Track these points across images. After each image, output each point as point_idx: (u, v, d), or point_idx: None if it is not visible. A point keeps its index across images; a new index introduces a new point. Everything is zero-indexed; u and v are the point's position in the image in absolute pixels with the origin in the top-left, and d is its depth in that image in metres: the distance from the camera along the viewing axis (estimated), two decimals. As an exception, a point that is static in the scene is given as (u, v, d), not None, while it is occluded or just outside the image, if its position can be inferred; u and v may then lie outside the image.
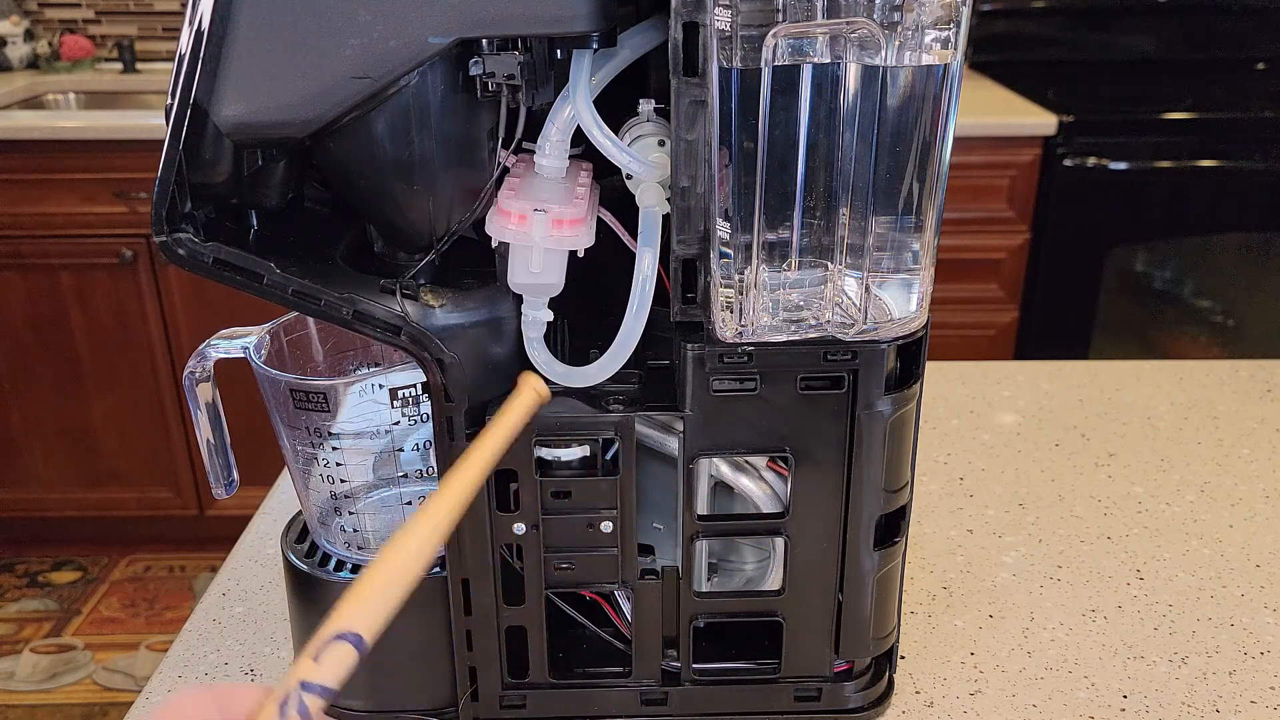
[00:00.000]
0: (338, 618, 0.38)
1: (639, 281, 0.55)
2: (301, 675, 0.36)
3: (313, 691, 0.35)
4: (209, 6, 0.50)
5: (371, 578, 0.40)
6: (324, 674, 0.36)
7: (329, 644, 0.37)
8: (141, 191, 2.08)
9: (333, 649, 0.37)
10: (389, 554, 0.41)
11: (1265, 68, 2.49)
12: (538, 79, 0.53)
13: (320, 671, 0.36)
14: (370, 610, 0.39)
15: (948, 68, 0.51)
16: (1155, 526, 0.88)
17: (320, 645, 0.37)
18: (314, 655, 0.37)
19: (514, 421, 0.52)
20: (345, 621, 0.38)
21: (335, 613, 0.38)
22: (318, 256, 0.58)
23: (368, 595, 0.39)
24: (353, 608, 0.39)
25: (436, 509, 0.45)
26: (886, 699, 0.68)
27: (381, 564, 0.41)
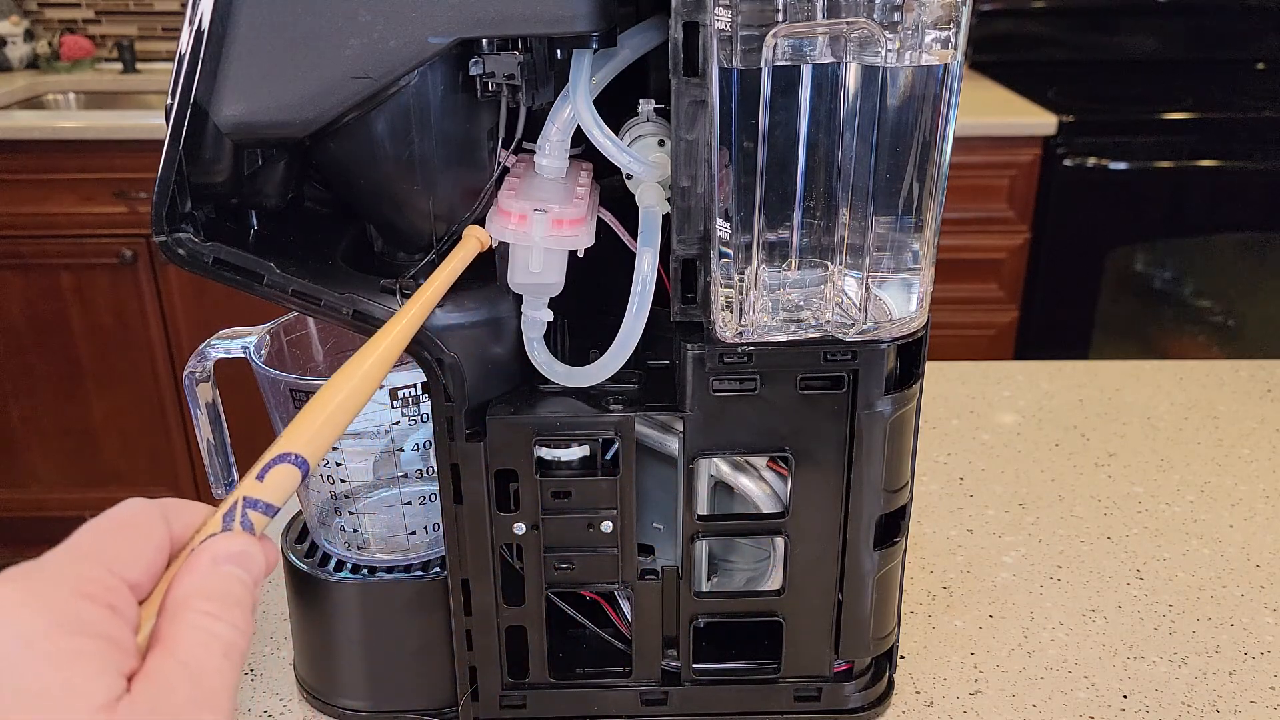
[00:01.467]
0: (282, 441, 0.39)
1: (639, 281, 0.55)
2: (246, 491, 0.37)
3: (257, 508, 0.36)
4: (209, 6, 0.50)
5: (316, 406, 0.41)
6: (268, 491, 0.37)
7: (273, 464, 0.38)
8: (141, 191, 2.08)
9: (277, 470, 0.38)
10: (333, 385, 0.43)
11: (1265, 68, 2.49)
12: (538, 79, 0.53)
13: (264, 489, 0.37)
14: (314, 436, 0.40)
15: (948, 68, 0.51)
16: (1155, 526, 0.88)
17: (264, 465, 0.38)
18: (258, 474, 0.38)
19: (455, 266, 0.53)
20: (289, 444, 0.39)
21: (280, 438, 0.40)
22: (318, 256, 0.58)
23: (312, 422, 0.41)
24: (297, 433, 0.40)
25: (378, 346, 0.46)
26: (886, 699, 0.68)
27: (326, 394, 0.42)
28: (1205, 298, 2.25)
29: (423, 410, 0.61)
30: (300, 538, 0.68)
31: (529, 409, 0.59)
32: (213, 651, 0.32)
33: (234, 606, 0.33)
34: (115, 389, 2.22)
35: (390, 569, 0.64)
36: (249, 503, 0.36)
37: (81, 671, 0.29)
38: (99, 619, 0.31)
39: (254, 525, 0.36)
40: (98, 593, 0.31)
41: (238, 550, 0.34)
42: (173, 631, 0.32)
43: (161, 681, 0.31)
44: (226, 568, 0.34)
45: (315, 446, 0.40)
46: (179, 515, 0.35)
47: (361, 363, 0.45)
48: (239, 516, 0.36)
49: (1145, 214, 2.14)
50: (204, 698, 0.31)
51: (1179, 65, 2.50)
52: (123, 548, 0.33)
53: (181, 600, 0.33)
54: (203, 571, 0.33)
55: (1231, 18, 2.48)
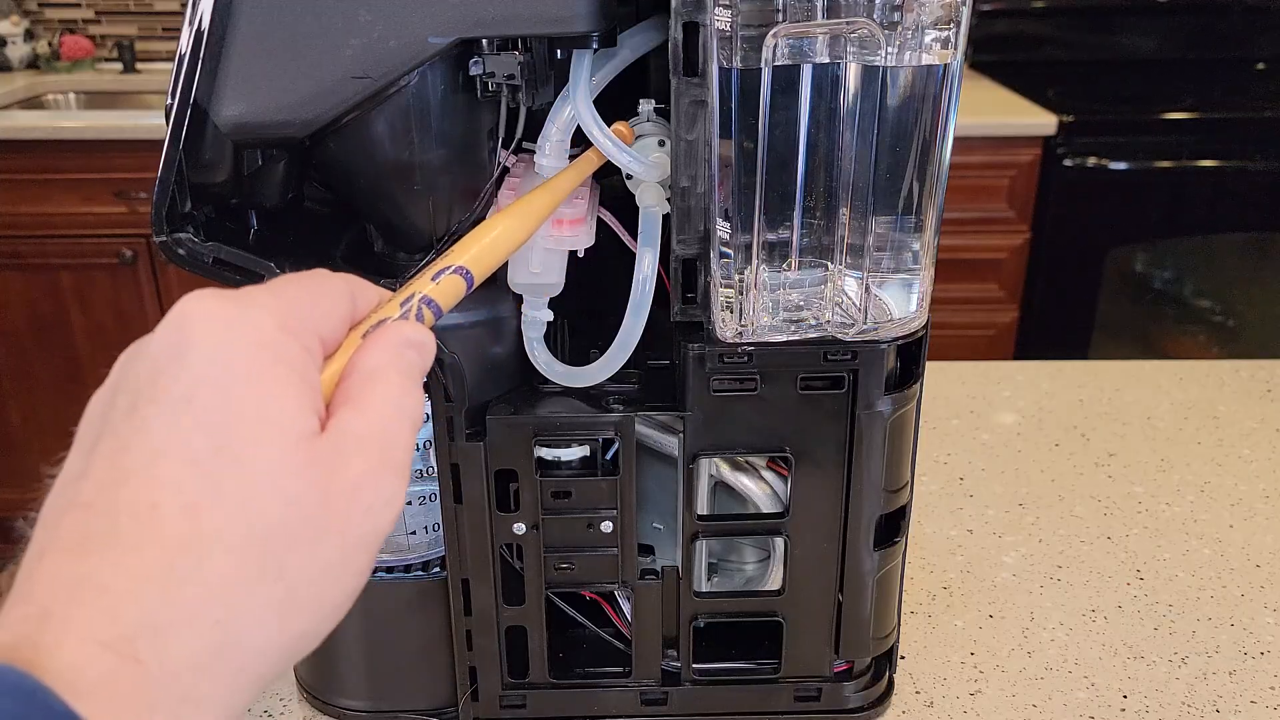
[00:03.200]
0: (453, 254, 0.41)
1: (639, 281, 0.55)
2: (422, 289, 0.38)
3: (430, 306, 0.38)
4: (209, 6, 0.50)
5: (487, 230, 0.43)
6: (439, 294, 0.39)
7: (446, 272, 0.40)
8: (141, 191, 2.08)
9: (449, 277, 0.40)
10: (504, 215, 0.45)
11: (1265, 68, 2.49)
12: (538, 79, 0.53)
13: (437, 291, 0.39)
14: (483, 255, 0.42)
15: (948, 68, 0.51)
16: (1155, 526, 0.88)
17: (439, 270, 0.40)
18: (433, 276, 0.39)
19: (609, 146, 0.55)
20: (460, 258, 0.41)
21: (452, 251, 0.41)
22: (318, 256, 0.58)
23: (482, 242, 0.43)
24: (468, 249, 0.42)
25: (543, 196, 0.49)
26: (886, 699, 0.68)
27: (497, 220, 0.45)
28: (1205, 298, 2.25)
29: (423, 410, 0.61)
30: (300, 538, 0.68)
31: (529, 409, 0.59)
32: (403, 423, 0.33)
33: (416, 386, 0.34)
34: (115, 389, 2.22)
35: (390, 569, 0.64)
36: (423, 299, 0.38)
37: (283, 398, 0.30)
38: (298, 355, 0.31)
39: (425, 319, 0.37)
40: (299, 332, 0.32)
41: (420, 339, 0.35)
42: (366, 395, 0.32)
43: (356, 435, 0.31)
44: (408, 350, 0.35)
45: (482, 264, 0.42)
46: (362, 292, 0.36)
47: (529, 200, 0.47)
48: (415, 309, 0.37)
49: (1145, 214, 2.14)
50: (391, 461, 0.32)
51: (1179, 65, 2.50)
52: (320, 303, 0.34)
53: (376, 369, 0.33)
54: (394, 348, 0.34)
55: (1231, 18, 2.48)
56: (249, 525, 0.28)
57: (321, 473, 0.30)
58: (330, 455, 0.30)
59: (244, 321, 0.30)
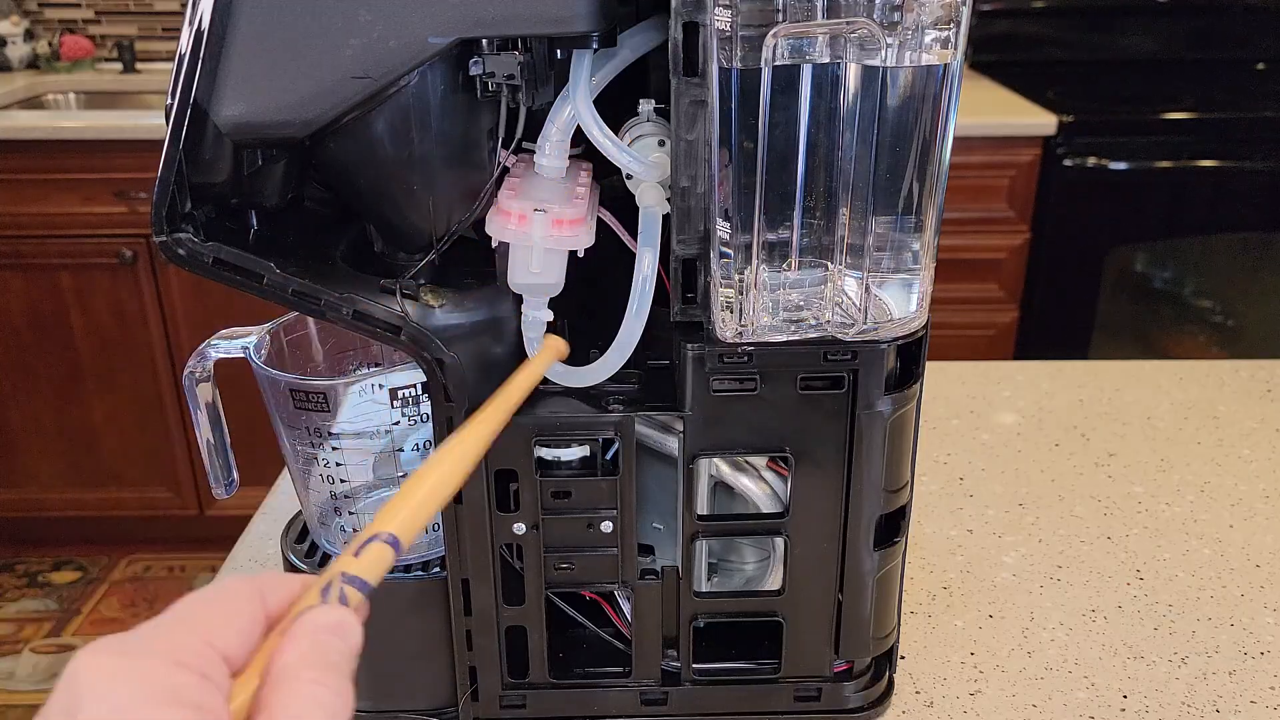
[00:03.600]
0: (378, 522, 0.40)
1: (639, 281, 0.55)
2: (343, 568, 0.37)
3: (353, 584, 0.37)
4: (209, 6, 0.50)
5: (410, 491, 0.42)
6: (363, 568, 0.38)
7: (369, 542, 0.39)
8: (141, 191, 2.08)
9: (372, 547, 0.39)
10: (425, 471, 0.44)
11: (1265, 68, 2.49)
12: (538, 79, 0.53)
13: (359, 565, 0.38)
14: (408, 519, 0.41)
15: (948, 68, 0.51)
16: (1155, 526, 0.88)
17: (361, 543, 0.39)
18: (354, 551, 0.38)
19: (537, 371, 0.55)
20: (384, 525, 0.40)
21: (375, 518, 0.41)
22: (318, 256, 0.58)
23: (406, 505, 0.42)
24: (392, 515, 0.41)
25: (467, 438, 0.47)
26: (886, 699, 0.68)
27: (418, 480, 0.43)
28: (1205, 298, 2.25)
29: (423, 410, 0.61)
30: (300, 538, 0.68)
31: (529, 409, 0.59)
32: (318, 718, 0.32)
33: (335, 673, 0.33)
34: (115, 389, 2.22)
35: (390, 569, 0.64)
36: (345, 578, 0.37)
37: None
38: (191, 686, 0.31)
39: (349, 600, 0.37)
40: (191, 661, 0.31)
41: (335, 621, 0.35)
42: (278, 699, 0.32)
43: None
44: (326, 637, 0.34)
45: (408, 527, 0.41)
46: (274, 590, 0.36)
47: (453, 448, 0.46)
48: (336, 592, 0.36)
49: (1145, 214, 2.14)
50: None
51: (1179, 65, 2.50)
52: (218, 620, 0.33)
53: (287, 669, 0.33)
54: (305, 641, 0.34)
55: (1231, 18, 2.48)
56: None
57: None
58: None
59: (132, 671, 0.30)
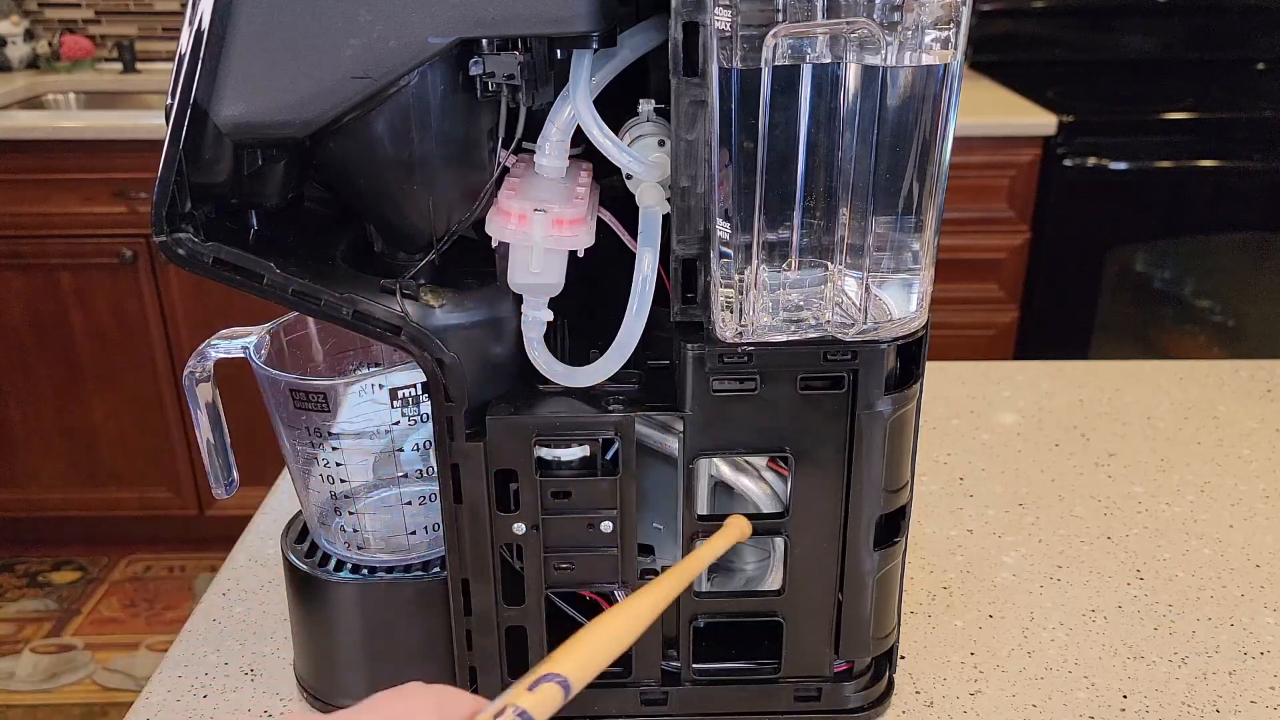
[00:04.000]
0: (554, 660, 0.42)
1: (639, 281, 0.55)
2: (516, 700, 0.39)
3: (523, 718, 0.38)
4: (209, 6, 0.50)
5: (590, 636, 0.44)
6: (534, 704, 0.39)
7: (544, 680, 0.40)
8: (141, 191, 2.08)
9: (546, 686, 0.40)
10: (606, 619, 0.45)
11: (1265, 68, 2.49)
12: (538, 79, 0.53)
13: (531, 701, 0.39)
14: (582, 663, 0.42)
15: (948, 68, 0.51)
16: (1155, 526, 0.88)
17: (537, 678, 0.40)
18: (530, 685, 0.40)
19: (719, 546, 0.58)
20: (560, 666, 0.41)
21: (552, 657, 0.42)
22: (318, 256, 0.58)
23: (583, 650, 0.43)
24: (568, 656, 0.42)
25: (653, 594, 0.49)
26: (886, 699, 0.68)
27: (600, 626, 0.45)
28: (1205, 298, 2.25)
29: (423, 410, 0.61)
30: (300, 538, 0.68)
31: (529, 409, 0.59)
32: None
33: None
34: (115, 389, 2.22)
35: (390, 569, 0.64)
36: (517, 711, 0.38)
37: None
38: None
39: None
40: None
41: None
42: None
43: None
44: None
45: (582, 673, 0.42)
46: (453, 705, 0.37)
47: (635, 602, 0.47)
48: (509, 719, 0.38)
49: (1145, 214, 2.14)
50: None
51: (1179, 65, 2.50)
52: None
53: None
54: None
55: (1231, 18, 2.48)
56: None
57: None
58: None
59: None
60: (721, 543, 0.57)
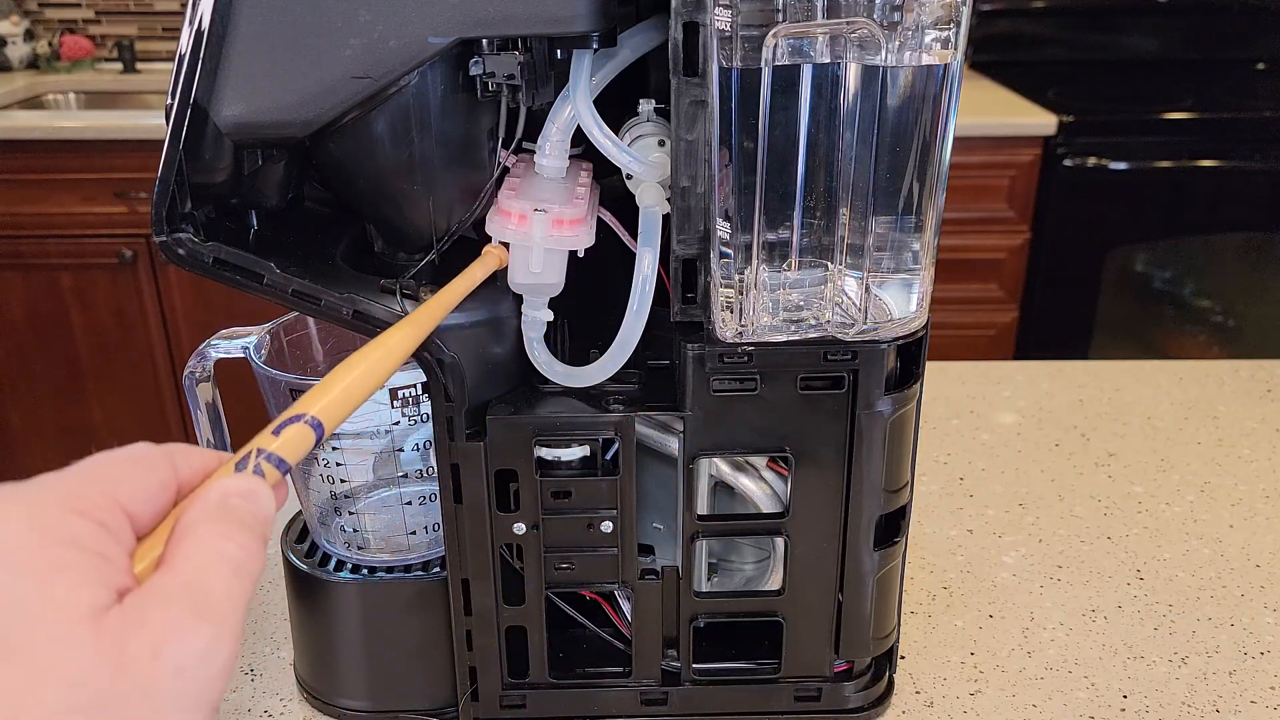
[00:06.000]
0: (300, 404, 0.39)
1: (639, 281, 0.55)
2: (260, 444, 0.36)
3: (270, 460, 0.36)
4: (209, 6, 0.50)
5: (337, 378, 0.41)
6: (282, 446, 0.37)
7: (290, 423, 0.38)
8: (141, 191, 2.08)
9: (293, 427, 0.38)
10: (354, 360, 0.43)
11: (1265, 68, 2.49)
12: (538, 79, 0.53)
13: (278, 443, 0.37)
14: (333, 405, 0.40)
15: (948, 68, 0.51)
16: (1155, 526, 0.88)
17: (281, 422, 0.38)
18: (273, 430, 0.37)
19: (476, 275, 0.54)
20: (306, 406, 0.39)
21: (298, 401, 0.39)
22: (318, 256, 0.58)
23: (332, 390, 0.41)
24: (316, 398, 0.40)
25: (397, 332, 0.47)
26: (886, 699, 0.68)
27: (346, 368, 0.42)
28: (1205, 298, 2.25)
29: (423, 410, 0.61)
30: (300, 538, 0.68)
31: (529, 409, 0.59)
32: (220, 569, 0.31)
33: (244, 530, 0.32)
34: (115, 389, 2.22)
35: (390, 569, 0.64)
36: (262, 454, 0.36)
37: (62, 581, 0.28)
38: (87, 533, 0.30)
39: (264, 474, 0.36)
40: (89, 509, 0.31)
41: (246, 488, 0.34)
42: (178, 552, 0.31)
43: (159, 594, 0.30)
44: (236, 500, 0.33)
45: (331, 413, 0.40)
46: (188, 460, 0.35)
47: (384, 340, 0.45)
48: (252, 466, 0.35)
49: (1145, 214, 2.14)
50: (206, 609, 0.30)
51: (1179, 65, 2.50)
52: (124, 476, 0.33)
53: (189, 524, 0.32)
54: (213, 500, 0.33)
55: (1231, 18, 2.48)
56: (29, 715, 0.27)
57: (110, 644, 0.28)
58: (123, 623, 0.29)
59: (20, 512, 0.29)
60: (481, 270, 0.55)
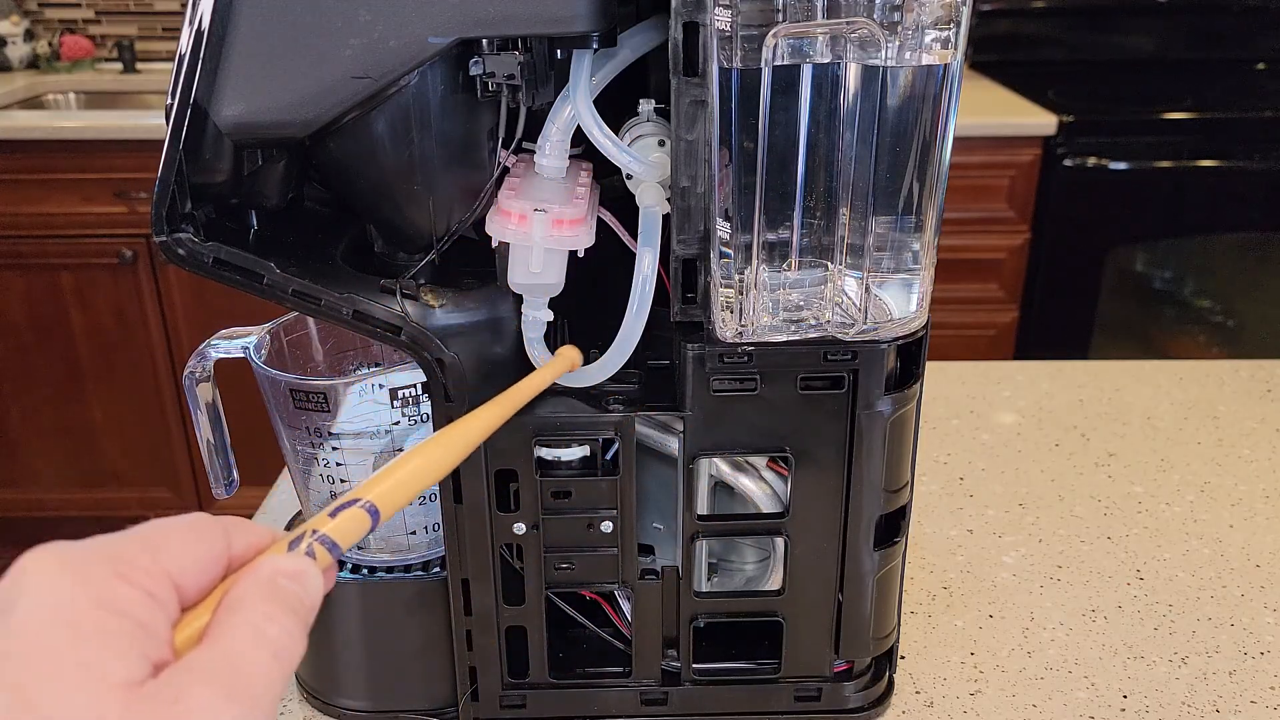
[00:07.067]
0: (359, 489, 0.39)
1: (639, 281, 0.55)
2: (316, 525, 0.37)
3: (323, 543, 0.36)
4: (209, 6, 0.50)
5: (398, 467, 0.42)
6: (337, 530, 0.37)
7: (346, 506, 0.38)
8: (141, 191, 2.08)
9: (349, 512, 0.38)
10: (418, 451, 0.43)
11: (1265, 68, 2.49)
12: (538, 79, 0.53)
13: (333, 527, 0.37)
14: (391, 492, 0.40)
15: (948, 68, 0.51)
16: (1155, 526, 0.88)
17: (338, 505, 0.38)
18: (330, 512, 0.38)
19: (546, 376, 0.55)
20: (365, 492, 0.39)
21: (358, 487, 0.40)
22: (318, 256, 0.58)
23: (391, 480, 0.41)
24: (374, 483, 0.40)
25: (464, 427, 0.47)
26: (886, 699, 0.68)
27: (409, 459, 0.43)
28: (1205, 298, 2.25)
29: (423, 410, 0.61)
30: (300, 538, 0.68)
31: (529, 409, 0.59)
32: (261, 650, 0.31)
33: (289, 614, 0.32)
34: (115, 389, 2.22)
35: (390, 569, 0.64)
36: (317, 536, 0.36)
37: (101, 648, 0.28)
38: (133, 601, 0.30)
39: (317, 557, 0.36)
40: (137, 577, 0.30)
41: (297, 569, 0.34)
42: (221, 625, 0.31)
43: (197, 670, 0.29)
44: (284, 581, 0.33)
45: (389, 500, 0.40)
46: (243, 534, 0.35)
47: (449, 433, 0.46)
48: (304, 547, 0.36)
49: (1145, 214, 2.14)
50: (239, 692, 0.30)
51: (1179, 65, 2.50)
52: (176, 545, 0.32)
53: (237, 600, 0.32)
54: (263, 578, 0.33)
55: (1231, 18, 2.48)
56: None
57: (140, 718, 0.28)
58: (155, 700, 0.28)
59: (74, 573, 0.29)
60: (551, 372, 0.55)
